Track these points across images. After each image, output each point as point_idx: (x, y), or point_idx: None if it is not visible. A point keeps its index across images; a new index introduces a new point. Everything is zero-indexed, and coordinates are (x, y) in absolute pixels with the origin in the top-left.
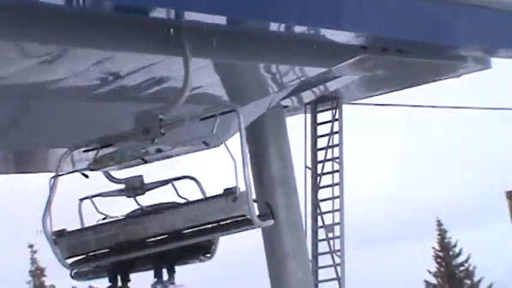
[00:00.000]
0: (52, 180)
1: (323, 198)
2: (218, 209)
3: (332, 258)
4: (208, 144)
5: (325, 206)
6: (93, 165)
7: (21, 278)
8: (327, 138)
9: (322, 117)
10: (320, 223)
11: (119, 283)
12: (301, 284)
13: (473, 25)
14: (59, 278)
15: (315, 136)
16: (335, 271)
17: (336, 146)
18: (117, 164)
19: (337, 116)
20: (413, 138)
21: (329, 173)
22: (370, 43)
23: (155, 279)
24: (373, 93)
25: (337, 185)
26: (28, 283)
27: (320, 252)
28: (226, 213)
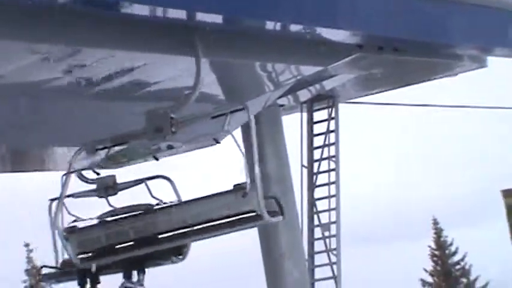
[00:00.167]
0: (64, 177)
1: (319, 196)
2: (227, 204)
3: (328, 256)
4: (218, 141)
5: (321, 204)
6: (105, 162)
7: (17, 277)
8: (323, 137)
9: (318, 115)
10: (316, 222)
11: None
12: (297, 283)
13: (469, 24)
14: None
15: (311, 135)
16: (331, 270)
17: (332, 144)
18: (130, 161)
19: (333, 115)
20: (410, 137)
21: (325, 171)
22: (366, 42)
23: (123, 280)
24: (369, 92)
25: (333, 183)
26: (24, 282)
27: (316, 251)
28: (236, 209)
